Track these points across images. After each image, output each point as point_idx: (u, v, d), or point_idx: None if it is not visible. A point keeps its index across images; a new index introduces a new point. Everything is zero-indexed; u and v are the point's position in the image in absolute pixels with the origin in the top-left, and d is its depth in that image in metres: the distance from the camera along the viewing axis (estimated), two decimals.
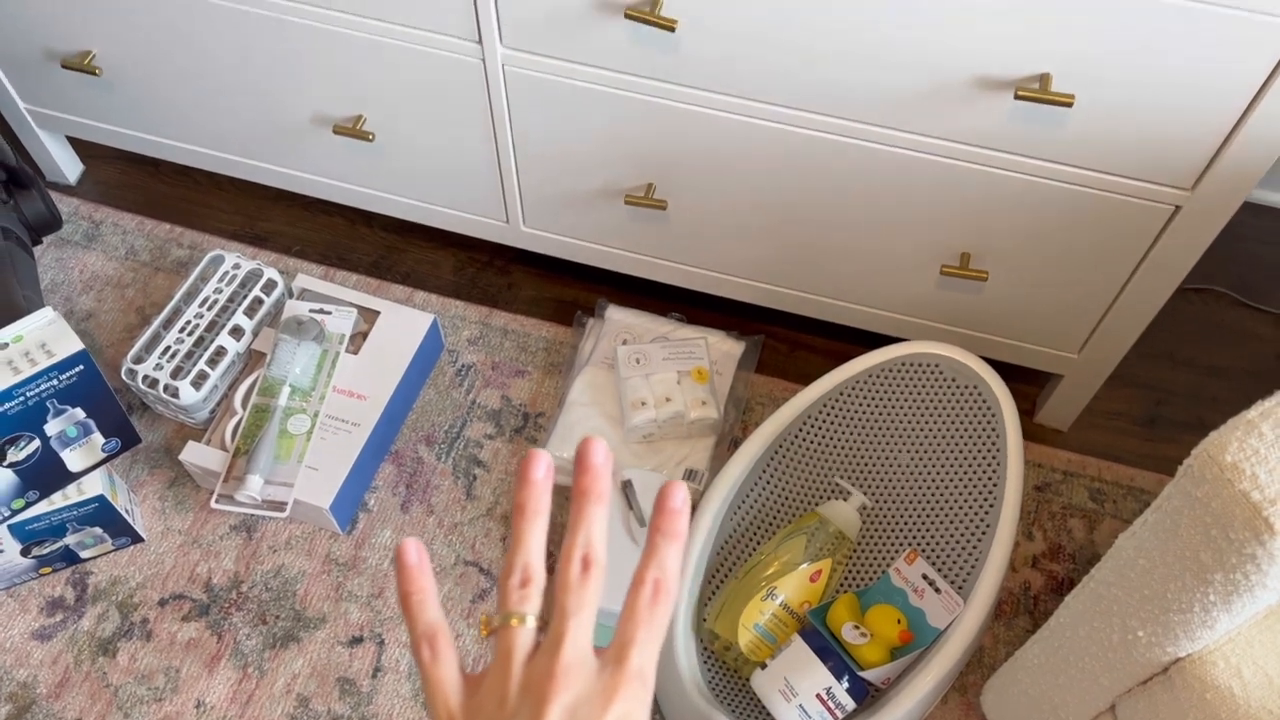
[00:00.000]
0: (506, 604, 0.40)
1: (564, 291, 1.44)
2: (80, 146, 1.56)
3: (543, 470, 0.42)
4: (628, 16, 0.95)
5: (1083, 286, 1.10)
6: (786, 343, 1.39)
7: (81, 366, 1.05)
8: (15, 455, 1.06)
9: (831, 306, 1.25)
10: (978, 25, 0.88)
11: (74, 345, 1.04)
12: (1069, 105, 0.89)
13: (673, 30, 0.95)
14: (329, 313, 1.30)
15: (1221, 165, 0.92)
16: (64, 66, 1.27)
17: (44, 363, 1.03)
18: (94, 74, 1.27)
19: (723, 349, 1.32)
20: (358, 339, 1.30)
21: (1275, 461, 0.62)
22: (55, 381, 1.04)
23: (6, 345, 1.04)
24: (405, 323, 1.31)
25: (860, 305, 1.23)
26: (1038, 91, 0.89)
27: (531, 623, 0.40)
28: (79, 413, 1.08)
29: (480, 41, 1.06)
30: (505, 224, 1.31)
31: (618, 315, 1.35)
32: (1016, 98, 0.90)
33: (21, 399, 1.03)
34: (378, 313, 1.32)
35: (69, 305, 1.41)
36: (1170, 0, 0.81)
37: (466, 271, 1.46)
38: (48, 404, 1.05)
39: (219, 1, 1.11)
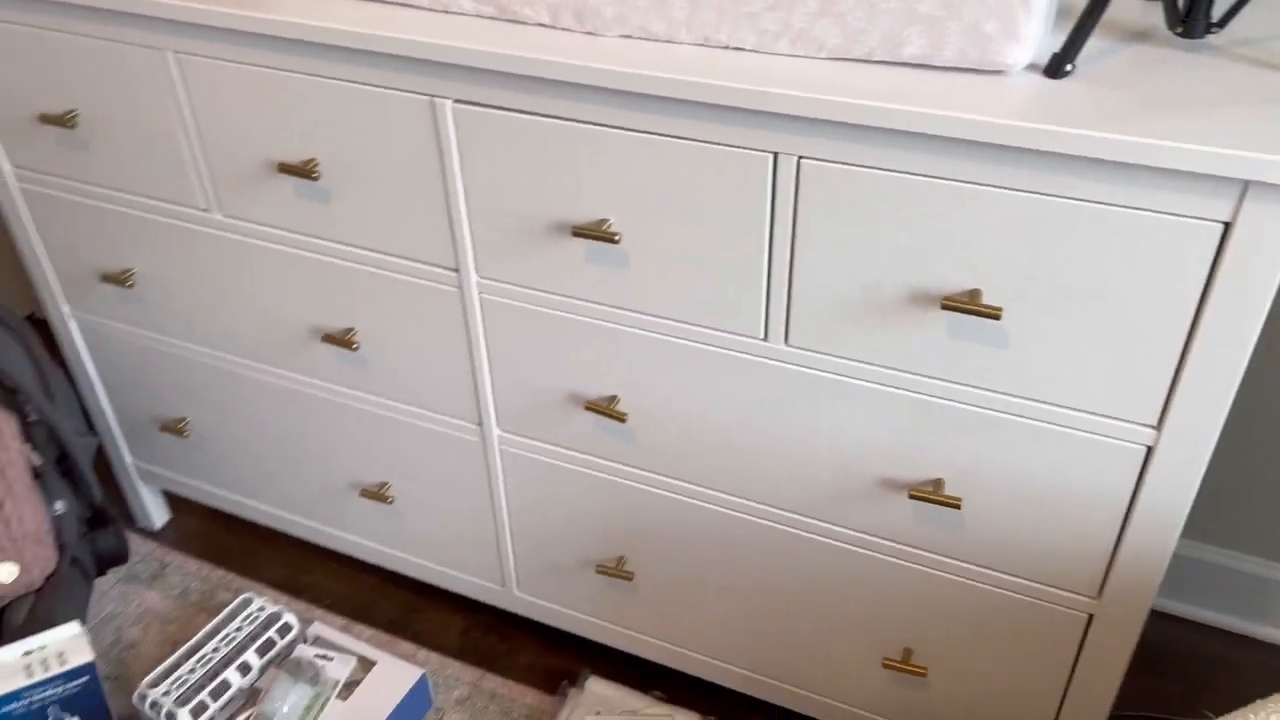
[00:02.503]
0: None
1: (559, 661, 1.51)
2: (171, 499, 1.80)
3: None
4: (587, 408, 1.13)
5: (1025, 696, 1.11)
6: None
7: (87, 678, 1.18)
8: None
9: (795, 695, 1.27)
10: (876, 434, 1.01)
11: (85, 656, 1.17)
12: (957, 507, 0.99)
13: (623, 421, 1.12)
14: (330, 659, 1.41)
15: (1119, 574, 0.98)
16: (161, 429, 1.53)
17: (55, 670, 1.16)
18: (183, 435, 1.52)
19: None
20: (352, 686, 1.39)
21: None
22: (60, 689, 1.16)
23: (30, 652, 1.18)
24: (396, 675, 1.39)
25: (818, 695, 1.25)
26: (929, 493, 0.99)
27: None
28: None
29: (481, 425, 1.25)
30: (501, 588, 1.43)
31: (597, 687, 1.40)
32: (910, 497, 1.00)
33: (27, 701, 1.15)
34: (374, 663, 1.42)
35: (118, 634, 1.56)
36: (1034, 421, 0.93)
37: (471, 635, 1.56)
38: (48, 710, 1.16)
39: (279, 384, 1.36)
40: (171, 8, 1.06)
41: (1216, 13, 0.86)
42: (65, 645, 1.19)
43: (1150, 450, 0.90)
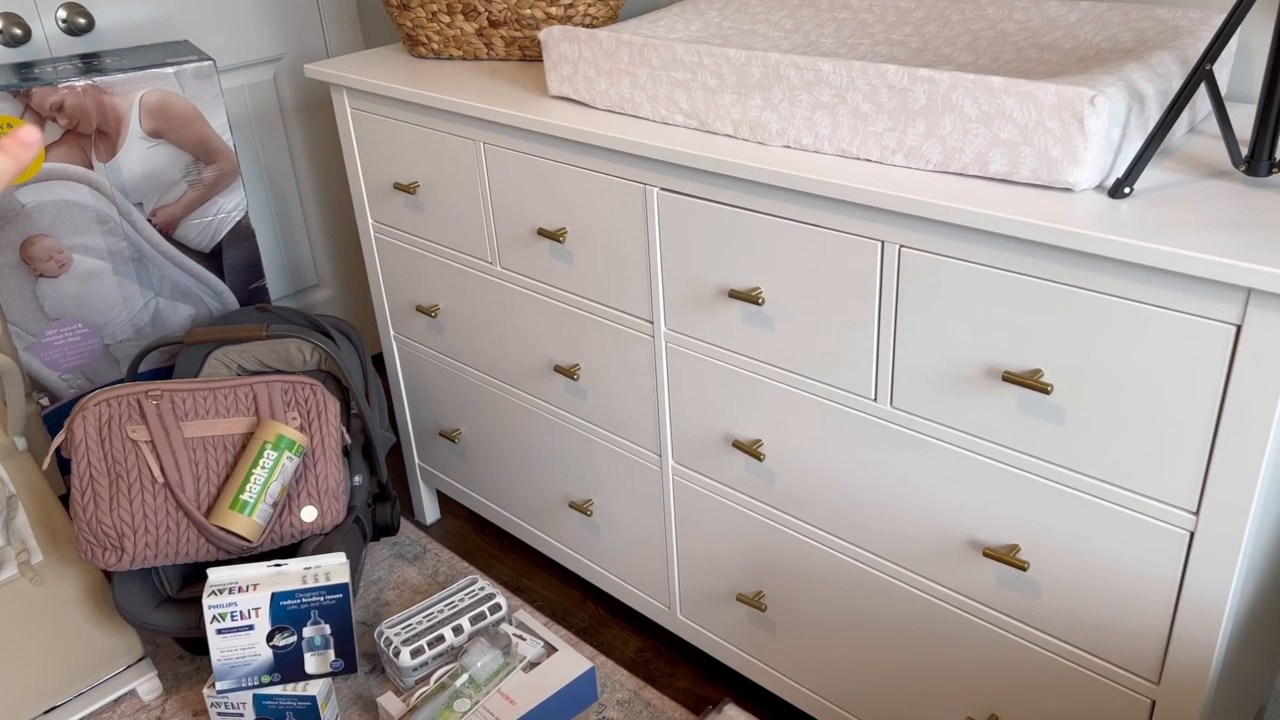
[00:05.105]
0: None
1: (711, 691, 1.70)
2: (442, 501, 2.21)
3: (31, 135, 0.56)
4: (734, 446, 1.36)
5: None
6: None
7: (341, 595, 1.55)
8: (280, 641, 1.55)
9: None
10: (963, 495, 1.16)
11: (344, 578, 1.55)
12: (1024, 569, 1.10)
13: (761, 460, 1.34)
14: (524, 639, 1.70)
15: (1174, 660, 1.04)
16: (440, 435, 1.94)
17: (321, 582, 1.54)
18: (455, 442, 1.91)
19: None
20: (535, 665, 1.67)
21: None
22: (322, 598, 1.54)
23: (309, 567, 1.58)
24: (571, 664, 1.66)
25: None
26: (1000, 553, 1.12)
27: None
28: (327, 629, 1.56)
29: (660, 455, 1.51)
30: (667, 609, 1.66)
31: (732, 712, 1.58)
32: (984, 554, 1.13)
33: (299, 601, 1.54)
34: (556, 650, 1.69)
35: (378, 594, 1.96)
36: (1090, 496, 1.05)
37: (644, 654, 1.79)
38: (311, 612, 1.55)
39: (523, 405, 1.71)
40: (478, 108, 1.47)
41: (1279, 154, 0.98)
42: (331, 568, 1.58)
43: (1192, 535, 0.98)
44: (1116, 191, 0.98)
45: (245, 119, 2.35)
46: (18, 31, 1.97)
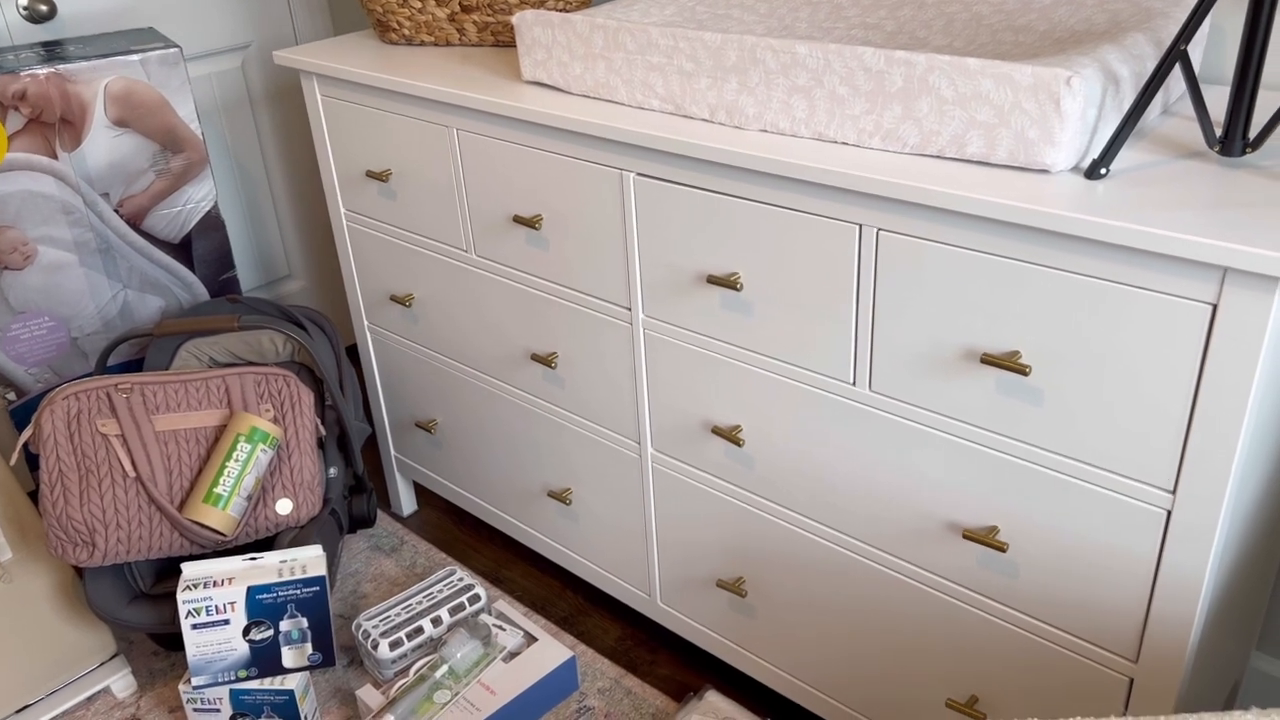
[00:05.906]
0: None
1: (692, 678, 1.70)
2: (419, 493, 2.20)
3: None
4: (713, 432, 1.35)
5: None
6: None
7: (318, 588, 1.53)
8: (255, 635, 1.53)
9: None
10: (943, 478, 1.16)
11: (320, 570, 1.54)
12: (1003, 550, 1.11)
13: (740, 446, 1.33)
14: (504, 629, 1.70)
15: (1151, 638, 1.05)
16: (416, 426, 1.92)
17: (297, 575, 1.53)
18: (431, 433, 1.90)
19: None
20: (515, 655, 1.66)
21: None
22: (298, 591, 1.53)
23: (285, 560, 1.56)
24: (551, 653, 1.65)
25: None
26: (979, 535, 1.13)
27: None
28: (304, 621, 1.55)
29: (639, 443, 1.51)
30: (648, 597, 1.65)
31: (713, 699, 1.58)
32: (963, 537, 1.14)
33: (274, 595, 1.52)
34: (536, 640, 1.68)
35: (355, 586, 1.94)
36: (1068, 477, 1.05)
37: (624, 642, 1.79)
38: (288, 606, 1.53)
39: (499, 394, 1.70)
40: (450, 94, 1.45)
41: (1253, 133, 0.98)
42: (308, 561, 1.56)
43: (1169, 514, 0.99)
44: (1093, 172, 0.99)
45: (213, 107, 2.32)
46: None
